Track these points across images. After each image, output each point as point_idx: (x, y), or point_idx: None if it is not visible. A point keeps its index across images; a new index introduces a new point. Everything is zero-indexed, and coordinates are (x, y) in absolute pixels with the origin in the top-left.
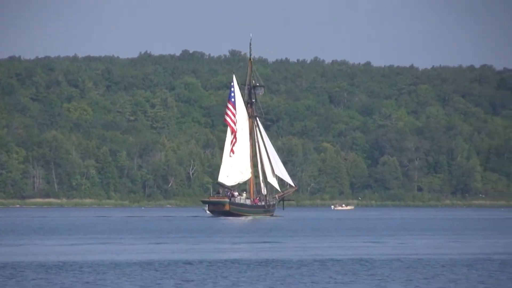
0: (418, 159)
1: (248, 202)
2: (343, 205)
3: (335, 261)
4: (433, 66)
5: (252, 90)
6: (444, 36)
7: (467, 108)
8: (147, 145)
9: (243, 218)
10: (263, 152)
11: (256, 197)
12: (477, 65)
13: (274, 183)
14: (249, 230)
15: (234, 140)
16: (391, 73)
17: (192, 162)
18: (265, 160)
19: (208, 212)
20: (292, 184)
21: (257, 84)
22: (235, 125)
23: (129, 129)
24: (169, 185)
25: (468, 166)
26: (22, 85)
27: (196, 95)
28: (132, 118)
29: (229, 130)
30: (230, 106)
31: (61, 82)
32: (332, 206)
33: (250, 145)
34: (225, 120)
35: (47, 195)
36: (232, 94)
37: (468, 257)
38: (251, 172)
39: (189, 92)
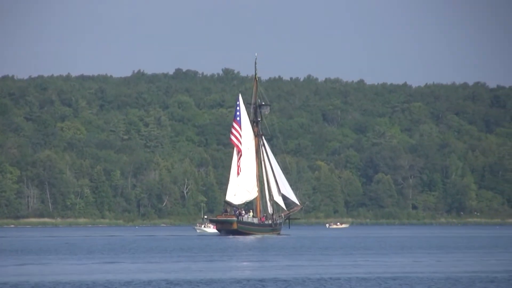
0: (412, 177)
1: (255, 220)
2: (338, 223)
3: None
4: (426, 83)
5: (258, 109)
6: (437, 54)
7: (460, 125)
8: (141, 164)
9: (251, 236)
10: (269, 171)
11: (263, 216)
12: (470, 83)
13: (280, 201)
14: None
15: (240, 159)
16: (384, 91)
17: (186, 181)
18: (271, 179)
19: (198, 230)
20: (297, 202)
21: (263, 103)
22: (240, 144)
23: (123, 148)
24: (164, 204)
25: (463, 184)
26: (15, 104)
27: (190, 114)
28: (125, 137)
29: (235, 149)
30: (235, 125)
31: (54, 102)
32: (327, 225)
33: (256, 164)
34: (231, 139)
35: (41, 215)
36: (238, 113)
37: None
38: (257, 191)
39: (182, 110)
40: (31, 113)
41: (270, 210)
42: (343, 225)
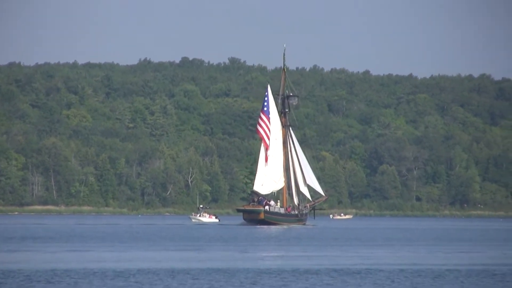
0: (416, 168)
1: (282, 211)
2: (342, 214)
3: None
4: (432, 75)
5: (286, 100)
6: (443, 45)
7: (465, 117)
8: (146, 152)
9: (277, 226)
10: (296, 162)
11: (289, 206)
12: (475, 75)
13: (306, 192)
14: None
15: (267, 149)
16: (390, 82)
17: (191, 170)
18: (297, 170)
19: (194, 220)
20: (322, 193)
21: (291, 94)
22: (267, 135)
23: (128, 136)
24: (168, 193)
25: (467, 176)
26: (21, 91)
27: (196, 103)
28: (131, 125)
29: (262, 141)
30: (263, 116)
31: (60, 89)
32: (331, 215)
33: (284, 154)
34: (258, 131)
35: (45, 202)
36: (266, 104)
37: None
38: (284, 181)
39: (188, 99)
40: (37, 100)
41: (296, 200)
42: (347, 216)
